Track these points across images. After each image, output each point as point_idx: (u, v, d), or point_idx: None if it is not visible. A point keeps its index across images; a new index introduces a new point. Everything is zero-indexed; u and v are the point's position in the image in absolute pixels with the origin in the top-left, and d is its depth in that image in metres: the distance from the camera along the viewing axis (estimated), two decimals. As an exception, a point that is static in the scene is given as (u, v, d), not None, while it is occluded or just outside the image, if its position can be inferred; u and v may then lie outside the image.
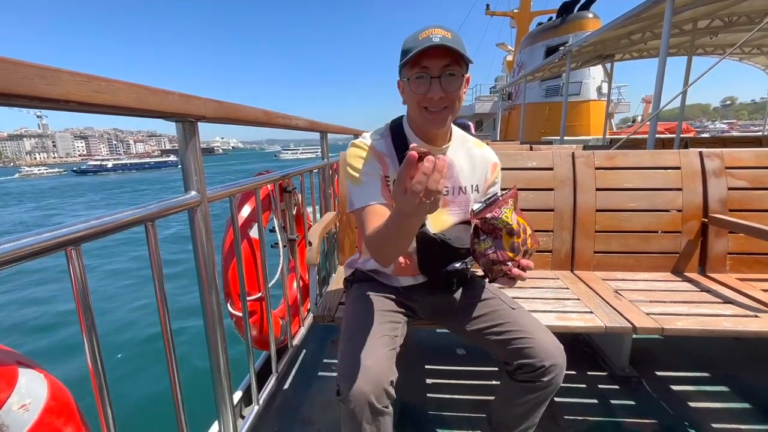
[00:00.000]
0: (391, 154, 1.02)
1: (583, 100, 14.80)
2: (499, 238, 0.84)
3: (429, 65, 0.87)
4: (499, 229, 0.84)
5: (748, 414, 1.40)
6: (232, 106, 0.99)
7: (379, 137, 1.04)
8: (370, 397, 0.80)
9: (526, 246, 0.86)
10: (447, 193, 1.04)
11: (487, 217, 0.84)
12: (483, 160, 1.09)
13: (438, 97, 0.89)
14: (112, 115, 0.63)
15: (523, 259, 0.86)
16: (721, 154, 1.60)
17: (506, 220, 0.82)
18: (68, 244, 0.55)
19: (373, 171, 0.99)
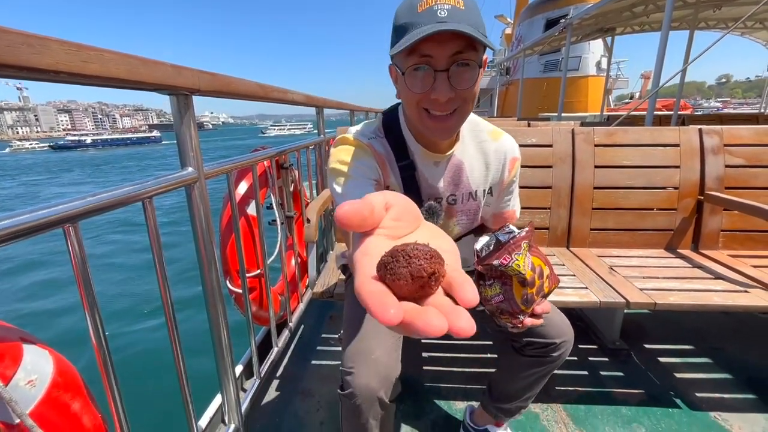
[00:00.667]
0: (391, 160, 0.82)
1: (582, 75, 14.58)
2: (508, 285, 0.68)
3: (432, 53, 0.64)
4: (509, 276, 0.68)
5: (730, 384, 1.46)
6: (227, 78, 0.96)
7: (373, 137, 0.82)
8: (379, 392, 0.75)
9: (542, 292, 0.71)
10: (453, 202, 0.88)
11: (494, 264, 0.66)
12: (498, 156, 0.88)
13: (445, 98, 0.66)
14: (102, 86, 0.60)
15: (538, 306, 0.71)
16: (720, 131, 1.60)
17: (518, 268, 0.65)
18: (65, 222, 0.54)
19: (369, 171, 0.76)
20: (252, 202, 1.46)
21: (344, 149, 0.79)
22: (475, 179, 0.87)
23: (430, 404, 1.38)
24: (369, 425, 0.79)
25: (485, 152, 0.87)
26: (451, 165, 0.84)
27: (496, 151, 0.88)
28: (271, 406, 1.39)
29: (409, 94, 0.70)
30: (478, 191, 0.89)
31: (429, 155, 0.81)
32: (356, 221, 0.31)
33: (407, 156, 0.82)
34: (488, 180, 0.89)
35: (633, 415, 1.32)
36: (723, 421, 1.29)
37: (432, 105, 0.69)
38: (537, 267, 0.69)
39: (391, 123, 0.83)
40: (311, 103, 1.87)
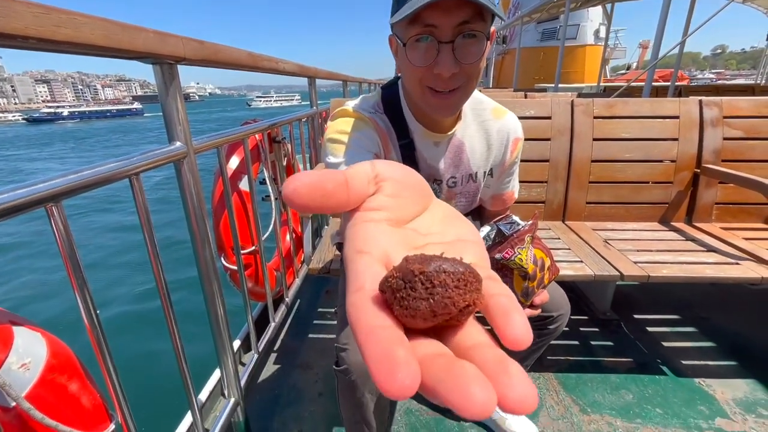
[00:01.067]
0: (392, 137, 0.78)
1: (579, 44, 14.25)
2: (508, 278, 0.68)
3: (437, 23, 0.59)
4: (510, 269, 0.67)
5: (715, 352, 1.51)
6: (214, 46, 0.90)
7: (372, 111, 0.78)
8: None
9: (543, 284, 0.71)
10: (453, 185, 0.85)
11: (496, 257, 0.66)
12: (501, 136, 0.84)
13: (449, 73, 0.61)
14: (77, 54, 0.56)
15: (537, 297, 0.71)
16: (720, 102, 1.57)
17: (520, 263, 0.64)
18: (47, 201, 0.51)
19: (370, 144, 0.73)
20: (244, 177, 1.42)
21: (343, 121, 0.74)
22: (476, 160, 0.83)
23: (425, 375, 1.41)
24: (365, 400, 0.81)
25: (487, 132, 0.83)
26: (451, 146, 0.81)
27: (499, 131, 0.84)
28: (270, 379, 1.42)
29: (410, 68, 0.65)
30: (479, 173, 0.85)
31: (429, 135, 0.78)
32: (315, 199, 0.21)
33: (407, 135, 0.78)
34: (489, 161, 0.86)
35: (621, 382, 1.37)
36: (707, 386, 1.34)
37: (434, 81, 0.64)
38: (539, 260, 0.67)
39: (390, 99, 0.78)
40: (303, 73, 1.80)
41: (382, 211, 0.23)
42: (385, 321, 0.17)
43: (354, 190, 0.23)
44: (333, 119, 0.76)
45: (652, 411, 1.25)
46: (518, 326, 0.18)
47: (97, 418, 0.59)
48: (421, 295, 0.17)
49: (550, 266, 0.72)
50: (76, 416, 0.54)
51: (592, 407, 1.27)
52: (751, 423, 1.20)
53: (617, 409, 1.26)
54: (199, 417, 0.93)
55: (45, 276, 5.84)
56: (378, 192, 0.24)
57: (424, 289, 0.17)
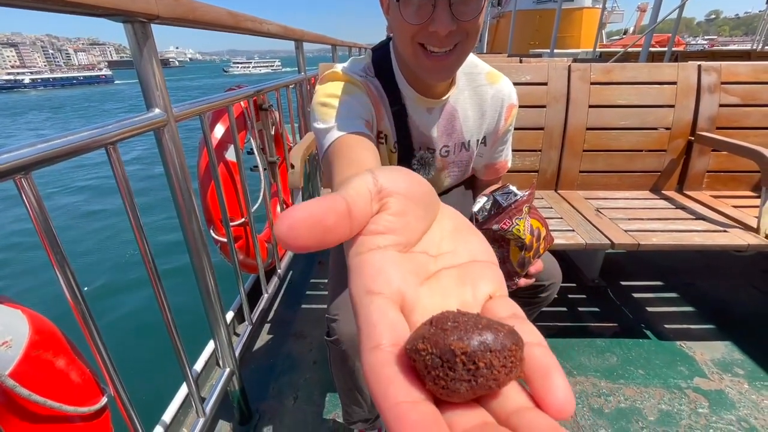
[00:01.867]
0: (384, 102, 0.74)
1: (577, 7, 13.78)
2: (505, 249, 0.67)
3: None
4: (507, 240, 0.67)
5: (696, 316, 1.56)
6: (191, 3, 0.83)
7: (363, 75, 0.73)
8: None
9: (538, 254, 0.70)
10: (447, 153, 0.82)
11: (493, 228, 0.65)
12: (495, 102, 0.80)
13: (446, 31, 0.57)
14: (39, 9, 0.50)
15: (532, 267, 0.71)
16: (719, 68, 1.54)
17: (517, 233, 0.64)
18: (15, 172, 0.48)
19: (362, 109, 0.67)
20: (230, 146, 1.38)
21: (333, 84, 0.69)
22: (468, 128, 0.80)
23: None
24: (356, 368, 0.82)
25: (481, 98, 0.79)
26: (444, 112, 0.77)
27: (494, 97, 0.80)
28: (265, 349, 1.44)
29: (403, 26, 0.59)
30: (471, 141, 0.82)
31: (422, 101, 0.74)
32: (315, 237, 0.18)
33: (399, 101, 0.74)
34: (482, 129, 0.82)
35: (606, 346, 1.42)
36: (687, 348, 1.40)
37: (429, 39, 0.59)
38: (535, 230, 0.67)
39: (381, 61, 0.73)
40: (289, 36, 1.70)
41: (389, 234, 0.20)
42: (414, 395, 0.15)
43: (357, 217, 0.20)
44: (322, 82, 0.72)
45: (634, 372, 1.31)
46: (561, 391, 0.15)
47: (87, 393, 0.59)
48: (462, 376, 0.15)
49: (546, 236, 0.72)
50: (65, 391, 0.54)
51: (578, 370, 1.32)
52: (727, 382, 1.26)
53: (602, 371, 1.31)
54: (194, 387, 0.94)
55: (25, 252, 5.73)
56: (382, 210, 0.21)
57: (465, 370, 0.15)
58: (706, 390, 1.23)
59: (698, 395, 1.22)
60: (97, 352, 0.63)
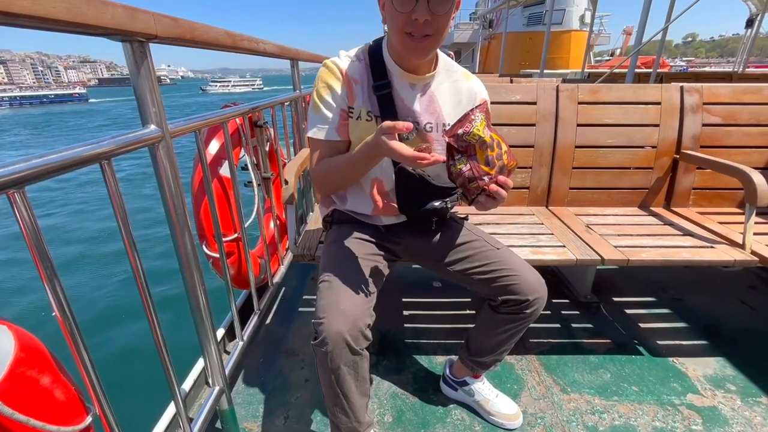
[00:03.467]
0: (363, 82, 0.94)
1: (565, 29, 14.25)
2: (473, 155, 0.81)
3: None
4: (472, 145, 0.80)
5: (688, 331, 1.57)
6: (190, 24, 0.85)
7: (356, 59, 0.96)
8: (346, 337, 0.79)
9: (501, 161, 0.81)
10: (430, 129, 0.98)
11: (459, 133, 0.79)
12: (469, 95, 1.00)
13: (423, 19, 0.79)
14: (37, 28, 0.52)
15: (501, 176, 0.81)
16: (700, 89, 1.60)
17: (478, 133, 0.78)
18: (9, 187, 0.48)
19: (336, 102, 0.94)
20: (225, 162, 1.38)
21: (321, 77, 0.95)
22: (447, 112, 0.98)
23: (410, 359, 1.43)
24: (341, 371, 0.83)
25: (458, 89, 1.00)
26: (426, 92, 0.96)
27: (469, 90, 1.00)
28: (256, 367, 1.41)
29: (394, 15, 0.81)
30: (450, 124, 0.95)
31: (406, 76, 0.93)
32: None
33: (385, 76, 0.93)
34: (459, 114, 0.94)
35: (599, 363, 1.41)
36: (680, 364, 1.40)
37: (413, 26, 0.81)
38: (495, 139, 0.80)
39: (375, 46, 0.96)
40: (285, 55, 1.74)
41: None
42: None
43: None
44: (319, 71, 0.96)
45: (628, 389, 1.30)
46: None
47: (72, 412, 0.57)
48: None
49: (507, 151, 0.82)
50: (49, 410, 0.52)
51: (571, 387, 1.31)
52: (720, 398, 1.26)
53: (595, 387, 1.31)
54: (182, 406, 0.92)
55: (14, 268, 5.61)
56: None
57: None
58: (700, 406, 1.23)
59: (692, 412, 1.21)
60: (84, 369, 0.62)
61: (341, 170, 0.94)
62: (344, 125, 0.95)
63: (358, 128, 0.95)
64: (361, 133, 0.94)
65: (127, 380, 2.70)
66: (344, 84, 0.94)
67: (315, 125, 0.95)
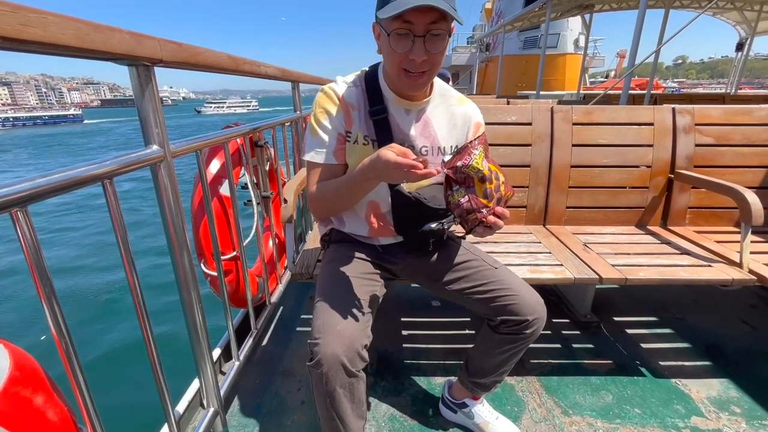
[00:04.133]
0: (360, 107, 0.96)
1: (560, 53, 14.61)
2: (471, 187, 0.82)
3: (414, 21, 0.78)
4: (470, 177, 0.81)
5: (690, 352, 1.55)
6: (194, 49, 0.89)
7: (352, 85, 0.97)
8: (342, 359, 0.78)
9: (499, 192, 0.82)
10: (425, 153, 0.99)
11: (458, 165, 0.80)
12: (464, 119, 1.02)
13: (420, 60, 0.81)
14: (47, 54, 0.54)
15: (498, 207, 0.82)
16: (692, 110, 1.63)
17: (477, 166, 0.79)
18: (13, 205, 0.49)
19: (333, 126, 0.95)
20: (225, 181, 1.40)
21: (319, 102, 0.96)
22: (442, 135, 0.99)
23: (409, 380, 1.41)
24: (337, 394, 0.81)
25: (452, 114, 1.01)
26: (421, 117, 0.98)
27: (463, 114, 1.02)
28: (251, 388, 1.39)
29: (391, 54, 0.83)
30: (446, 147, 1.00)
31: (401, 102, 0.95)
32: None
33: (381, 102, 0.95)
34: (454, 138, 1.01)
35: (601, 384, 1.39)
36: (683, 386, 1.38)
37: (409, 64, 0.83)
38: (493, 170, 0.82)
39: (371, 73, 0.98)
40: (286, 78, 1.79)
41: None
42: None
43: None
44: (317, 96, 0.97)
45: (631, 411, 1.28)
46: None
47: (64, 433, 0.56)
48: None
49: (505, 182, 0.84)
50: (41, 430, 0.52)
51: (573, 409, 1.29)
52: (724, 421, 1.23)
53: (597, 410, 1.28)
54: (176, 428, 0.90)
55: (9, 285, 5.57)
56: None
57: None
58: (704, 429, 1.20)
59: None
60: (78, 389, 0.62)
61: (338, 191, 0.93)
62: (341, 149, 0.96)
63: (355, 152, 0.96)
64: (358, 157, 0.94)
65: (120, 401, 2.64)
66: (341, 109, 0.95)
67: (313, 149, 0.95)
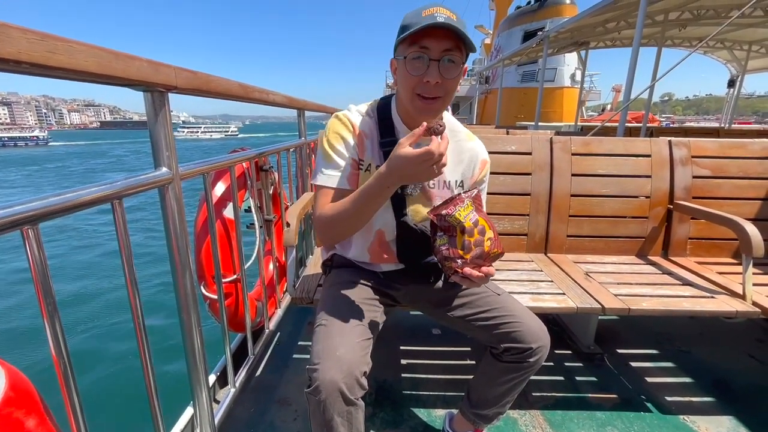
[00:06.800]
0: (372, 137, 0.97)
1: (557, 86, 15.07)
2: (453, 236, 0.84)
3: (429, 46, 0.82)
4: (453, 227, 0.83)
5: (697, 387, 1.51)
6: (206, 77, 0.93)
7: (366, 116, 0.99)
8: (341, 386, 0.76)
9: (481, 248, 0.82)
10: (433, 186, 1.00)
11: (442, 213, 0.83)
12: (471, 155, 1.04)
13: (435, 82, 0.83)
14: (71, 80, 0.56)
15: (480, 261, 0.82)
16: (688, 143, 1.67)
17: (458, 217, 0.81)
18: (24, 223, 0.50)
19: (347, 152, 0.95)
20: (229, 204, 1.42)
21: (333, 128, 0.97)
22: (449, 170, 1.01)
23: (408, 411, 1.37)
24: (334, 423, 0.79)
25: (461, 149, 1.03)
26: None
27: (471, 150, 1.04)
28: (246, 417, 1.34)
29: (407, 77, 0.85)
30: (452, 182, 1.02)
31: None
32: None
33: (393, 134, 0.97)
34: (460, 173, 1.03)
35: (607, 419, 1.35)
36: (691, 423, 1.33)
37: (423, 88, 0.85)
38: (480, 226, 0.83)
39: (384, 105, 1.00)
40: (292, 105, 1.84)
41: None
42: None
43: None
44: (330, 121, 0.99)
45: (638, 449, 1.23)
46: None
47: (54, 459, 0.54)
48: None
49: (493, 238, 0.84)
50: (32, 456, 0.50)
51: (578, 445, 1.24)
52: (736, 461, 1.19)
53: (604, 447, 1.23)
54: (167, 458, 0.87)
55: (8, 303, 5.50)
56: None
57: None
58: (715, 470, 1.16)
59: (707, 476, 1.14)
60: (73, 414, 0.60)
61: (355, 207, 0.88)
62: (354, 175, 0.97)
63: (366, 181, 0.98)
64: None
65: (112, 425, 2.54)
66: (355, 136, 0.96)
67: (325, 173, 0.95)
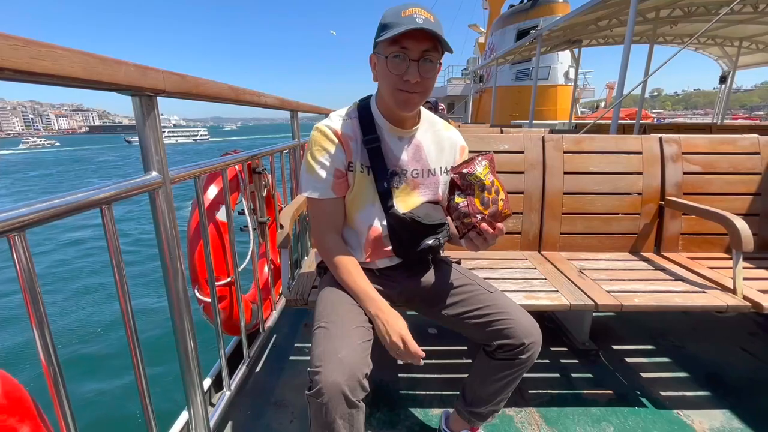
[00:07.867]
0: (356, 138, 1.00)
1: (551, 84, 15.12)
2: (471, 194, 0.90)
3: (409, 47, 0.86)
4: (472, 185, 0.89)
5: (691, 381, 1.53)
6: (195, 80, 0.92)
7: (347, 118, 1.02)
8: (344, 388, 0.75)
9: (496, 205, 0.89)
10: (417, 176, 1.05)
11: (463, 172, 0.89)
12: (451, 143, 1.10)
13: (414, 80, 0.88)
14: (57, 85, 0.56)
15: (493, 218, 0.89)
16: (678, 140, 1.69)
17: (479, 175, 0.88)
18: (11, 231, 0.50)
19: (331, 163, 0.98)
20: (222, 207, 1.41)
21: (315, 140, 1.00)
22: (432, 159, 1.07)
23: (405, 411, 1.37)
24: (336, 425, 0.78)
25: (440, 138, 1.09)
26: (412, 144, 1.04)
27: (449, 138, 1.11)
28: (242, 420, 1.34)
29: (388, 75, 0.90)
30: (436, 168, 1.07)
31: (394, 130, 1.01)
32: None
33: (374, 131, 1.00)
34: (443, 160, 1.09)
35: (602, 415, 1.36)
36: (685, 417, 1.34)
37: (404, 85, 0.89)
38: (495, 186, 0.90)
39: (364, 105, 1.04)
40: (285, 107, 1.84)
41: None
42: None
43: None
44: (311, 135, 1.01)
45: (633, 444, 1.24)
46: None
47: (46, 466, 0.54)
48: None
49: (505, 199, 0.91)
50: (22, 463, 0.50)
51: (574, 441, 1.25)
52: (729, 453, 1.20)
53: (599, 442, 1.24)
54: (161, 463, 0.87)
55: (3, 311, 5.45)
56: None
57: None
58: (709, 463, 1.17)
59: (701, 469, 1.15)
60: (64, 420, 0.60)
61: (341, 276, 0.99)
62: (339, 183, 1.00)
63: (356, 180, 1.01)
64: (357, 184, 1.01)
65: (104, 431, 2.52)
66: (340, 143, 0.99)
67: (310, 186, 1.00)
